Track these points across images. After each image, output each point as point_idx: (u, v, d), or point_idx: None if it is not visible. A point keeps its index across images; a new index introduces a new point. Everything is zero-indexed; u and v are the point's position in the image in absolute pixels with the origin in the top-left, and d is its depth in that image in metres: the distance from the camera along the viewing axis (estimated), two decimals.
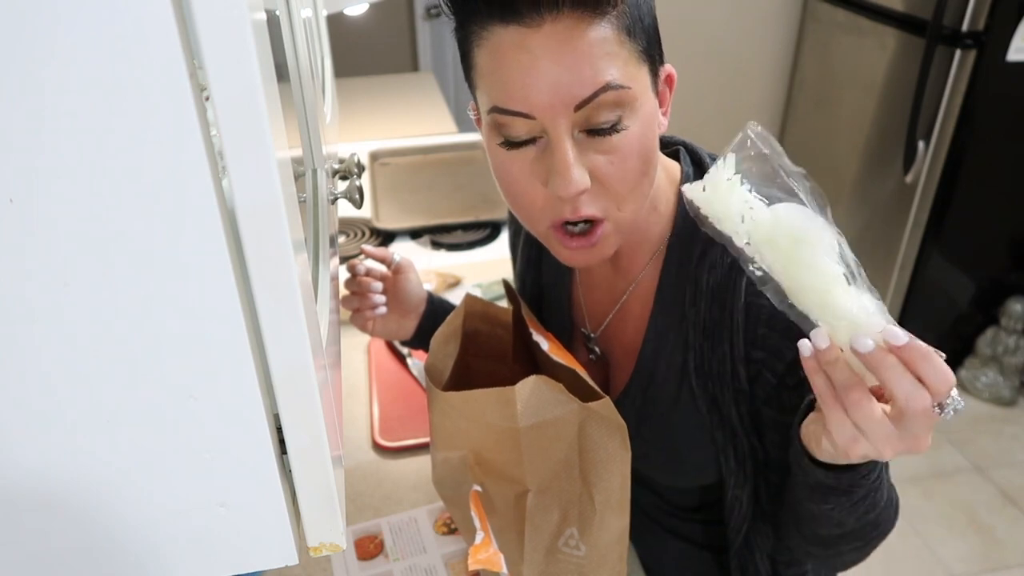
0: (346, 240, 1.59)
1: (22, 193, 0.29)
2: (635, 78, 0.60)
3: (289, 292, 0.34)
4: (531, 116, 0.59)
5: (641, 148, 0.62)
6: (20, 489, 0.36)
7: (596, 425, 0.70)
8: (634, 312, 0.78)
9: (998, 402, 2.45)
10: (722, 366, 0.71)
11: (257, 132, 0.31)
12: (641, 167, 0.63)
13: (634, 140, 0.61)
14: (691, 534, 0.90)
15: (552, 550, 0.74)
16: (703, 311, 0.71)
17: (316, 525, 0.42)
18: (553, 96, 0.58)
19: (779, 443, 0.75)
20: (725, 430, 0.74)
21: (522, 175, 0.64)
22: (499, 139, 0.63)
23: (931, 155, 2.23)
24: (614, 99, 0.59)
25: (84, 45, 0.27)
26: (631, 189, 0.64)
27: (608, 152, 0.61)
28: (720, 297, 0.69)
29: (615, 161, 0.61)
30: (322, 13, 1.10)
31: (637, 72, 0.60)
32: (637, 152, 0.62)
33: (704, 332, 0.71)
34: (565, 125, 0.59)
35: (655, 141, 0.65)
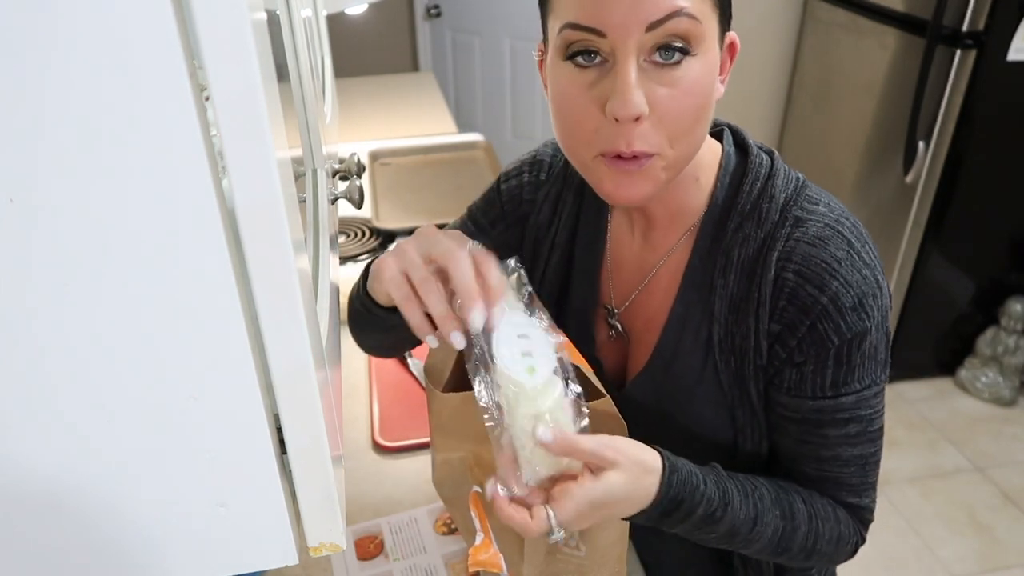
0: (346, 240, 1.59)
1: (22, 193, 0.29)
2: (707, 18, 0.61)
3: (289, 292, 0.34)
4: (602, 33, 0.60)
5: (701, 89, 0.62)
6: (20, 489, 0.36)
7: (598, 423, 0.70)
8: (661, 286, 0.78)
9: (998, 402, 2.45)
10: (745, 341, 0.71)
11: (257, 132, 0.31)
12: (697, 110, 0.63)
13: (696, 78, 0.62)
14: None
15: (552, 550, 0.74)
16: (731, 284, 0.71)
17: (316, 525, 0.42)
18: (627, 14, 0.59)
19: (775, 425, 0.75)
20: (745, 408, 0.74)
21: (581, 97, 0.63)
22: (565, 61, 0.64)
23: (931, 155, 2.23)
24: (685, 28, 0.59)
25: (84, 45, 0.27)
26: (685, 130, 0.63)
27: (670, 85, 0.61)
28: (749, 270, 0.70)
29: (675, 96, 0.61)
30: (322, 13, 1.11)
31: (710, 15, 0.61)
32: (697, 91, 0.62)
33: (731, 305, 0.71)
34: (633, 46, 0.60)
35: (713, 94, 0.64)
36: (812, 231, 0.68)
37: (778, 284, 0.68)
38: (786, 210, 0.70)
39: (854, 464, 0.73)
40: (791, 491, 0.74)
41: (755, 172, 0.72)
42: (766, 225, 0.69)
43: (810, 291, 0.66)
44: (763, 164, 0.73)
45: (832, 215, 0.69)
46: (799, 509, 0.73)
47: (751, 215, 0.70)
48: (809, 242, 0.67)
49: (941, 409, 2.46)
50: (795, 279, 0.67)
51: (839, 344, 0.67)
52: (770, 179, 0.71)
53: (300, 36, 0.62)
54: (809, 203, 0.70)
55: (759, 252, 0.69)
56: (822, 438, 0.72)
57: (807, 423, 0.72)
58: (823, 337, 0.67)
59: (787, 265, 0.68)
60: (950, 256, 2.36)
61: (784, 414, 0.73)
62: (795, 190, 0.71)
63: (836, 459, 0.73)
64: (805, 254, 0.67)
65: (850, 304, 0.66)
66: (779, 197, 0.70)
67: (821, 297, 0.66)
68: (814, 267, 0.66)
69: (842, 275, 0.66)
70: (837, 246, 0.67)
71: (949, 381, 2.57)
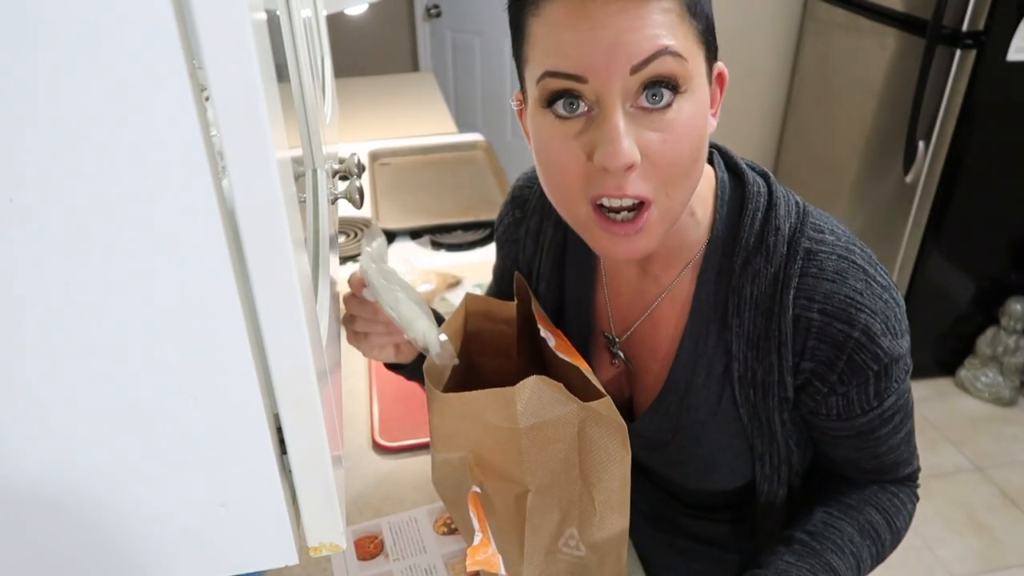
0: (346, 240, 1.59)
1: (22, 193, 0.29)
2: (693, 55, 0.58)
3: (289, 292, 0.34)
4: (584, 79, 0.57)
5: (693, 131, 0.59)
6: (21, 489, 0.36)
7: (596, 425, 0.70)
8: (667, 320, 0.77)
9: (998, 402, 2.45)
10: (768, 376, 0.70)
11: (257, 132, 0.31)
12: (692, 152, 0.60)
13: (687, 119, 0.59)
14: (704, 534, 0.90)
15: (552, 550, 0.74)
16: (747, 322, 0.70)
17: (316, 525, 0.42)
18: (609, 56, 0.56)
19: (826, 442, 0.77)
20: (764, 436, 0.74)
21: (565, 148, 0.60)
22: (546, 110, 0.61)
23: (931, 155, 2.23)
24: (671, 67, 0.57)
25: (84, 45, 0.27)
26: (681, 174, 0.60)
27: (661, 129, 0.58)
28: (765, 308, 0.69)
29: (667, 140, 0.58)
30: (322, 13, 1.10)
31: (696, 51, 0.59)
32: (690, 133, 0.59)
33: (749, 342, 0.70)
34: (618, 91, 0.57)
35: (706, 132, 0.62)
36: (829, 266, 0.67)
37: (801, 323, 0.67)
38: (794, 242, 0.68)
39: (904, 443, 0.76)
40: (865, 507, 0.77)
41: (755, 202, 0.70)
42: (775, 260, 0.68)
43: (839, 327, 0.66)
44: (761, 192, 0.71)
45: (841, 244, 0.68)
46: (879, 522, 0.77)
47: (757, 250, 0.69)
48: (828, 279, 0.66)
49: (941, 409, 2.47)
50: (821, 318, 0.66)
51: (878, 368, 0.68)
52: (771, 208, 0.70)
53: (300, 36, 0.62)
54: (815, 231, 0.69)
55: (773, 289, 0.68)
56: (876, 440, 0.74)
57: (861, 435, 0.74)
58: (862, 367, 0.67)
59: (809, 305, 0.67)
60: (950, 256, 2.36)
61: (838, 435, 0.74)
62: (798, 218, 0.69)
63: (890, 449, 0.76)
64: (827, 292, 0.66)
65: (880, 331, 0.66)
66: (784, 228, 0.69)
67: (852, 332, 0.66)
68: (838, 304, 0.66)
69: (867, 306, 0.66)
70: (856, 277, 0.66)
71: (949, 381, 2.57)
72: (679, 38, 0.57)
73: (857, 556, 0.75)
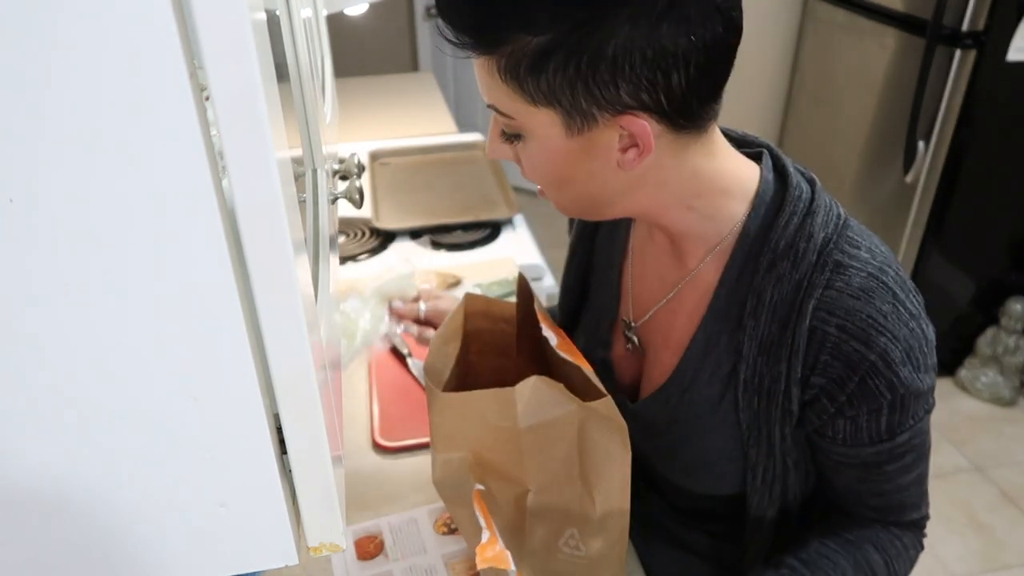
0: (346, 240, 1.59)
1: (22, 193, 0.29)
2: (524, 114, 0.63)
3: (289, 292, 0.34)
4: None
5: (543, 166, 0.66)
6: (21, 489, 0.36)
7: (597, 425, 0.69)
8: (686, 308, 0.76)
9: (998, 402, 2.45)
10: (775, 384, 0.69)
11: (257, 132, 0.31)
12: (550, 180, 0.68)
13: (532, 160, 0.66)
14: (694, 545, 0.90)
15: (552, 550, 0.74)
16: (763, 325, 0.68)
17: (316, 525, 0.42)
18: None
19: (829, 467, 0.75)
20: (761, 447, 0.73)
21: None
22: None
23: (931, 155, 2.23)
24: (502, 120, 0.65)
25: (83, 45, 0.27)
26: (547, 188, 0.69)
27: (520, 151, 0.67)
28: (782, 314, 0.67)
29: (524, 161, 0.68)
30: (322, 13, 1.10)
31: (528, 110, 0.62)
32: (538, 167, 0.67)
33: (760, 346, 0.69)
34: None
35: (570, 169, 0.66)
36: (855, 282, 0.64)
37: (816, 336, 0.65)
38: (825, 252, 0.66)
39: (913, 485, 0.74)
40: (864, 544, 0.75)
41: (793, 205, 0.68)
42: (802, 266, 0.66)
43: (856, 347, 0.64)
44: (802, 197, 0.69)
45: (875, 263, 0.66)
46: (876, 562, 0.74)
47: (786, 253, 0.67)
48: (852, 295, 0.64)
49: (941, 409, 2.46)
50: (838, 334, 0.64)
51: (892, 398, 0.65)
52: (809, 215, 0.68)
53: (300, 36, 0.62)
54: (851, 246, 0.66)
55: (794, 296, 0.66)
56: (882, 475, 0.72)
57: (866, 466, 0.72)
58: (875, 392, 0.65)
59: (828, 319, 0.65)
60: (950, 256, 2.36)
61: (841, 461, 0.72)
62: (835, 230, 0.67)
63: (897, 488, 0.73)
64: (849, 308, 0.64)
65: (899, 359, 0.64)
66: (818, 236, 0.66)
67: (869, 354, 0.64)
68: (859, 322, 0.64)
69: (889, 330, 0.63)
70: (883, 299, 0.64)
71: (949, 381, 2.57)
72: (501, 98, 0.63)
73: None
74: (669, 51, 0.57)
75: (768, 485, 0.75)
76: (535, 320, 0.80)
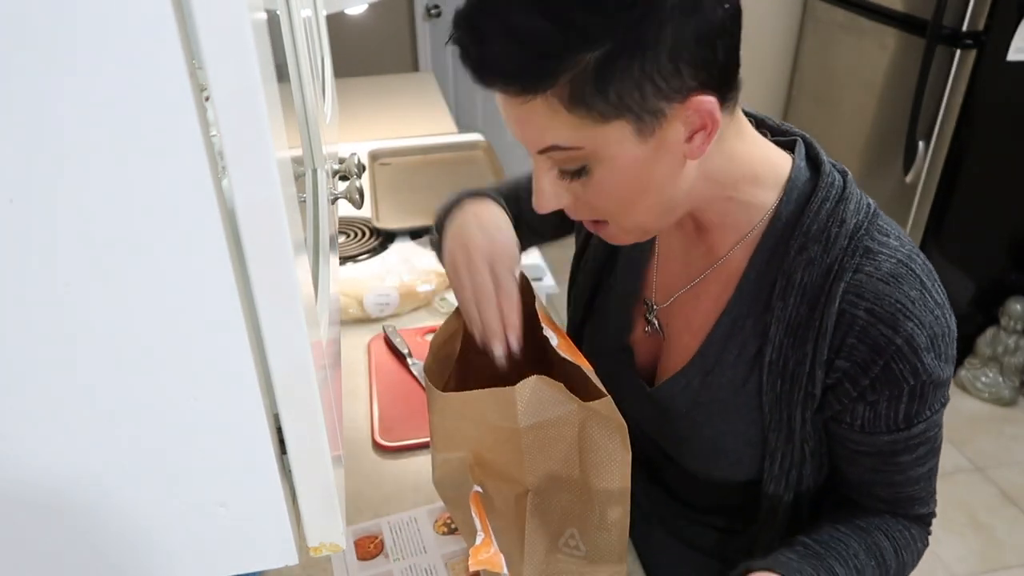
0: (346, 240, 1.59)
1: (22, 193, 0.29)
2: (593, 137, 0.61)
3: (289, 292, 0.34)
4: None
5: (617, 187, 0.64)
6: (21, 489, 0.36)
7: (596, 425, 0.69)
8: (711, 292, 0.76)
9: (998, 402, 2.45)
10: (799, 367, 0.69)
11: (257, 132, 0.31)
12: (625, 198, 0.65)
13: (606, 184, 0.64)
14: (700, 540, 0.89)
15: (552, 550, 0.74)
16: (791, 307, 0.69)
17: (316, 525, 0.42)
18: (518, 139, 0.65)
19: (844, 456, 0.75)
20: (781, 432, 0.73)
21: None
22: None
23: (931, 155, 2.23)
24: (565, 157, 0.63)
25: (83, 45, 0.27)
26: (620, 211, 0.67)
27: (583, 187, 0.65)
28: (811, 297, 0.68)
29: (591, 195, 0.66)
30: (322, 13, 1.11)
31: (595, 131, 0.60)
32: (612, 190, 0.64)
33: (787, 328, 0.69)
34: (537, 161, 0.65)
35: (646, 177, 0.64)
36: (885, 267, 0.66)
37: (844, 319, 0.67)
38: (856, 238, 0.67)
39: (924, 479, 0.75)
40: (874, 531, 0.76)
41: (825, 192, 0.69)
42: (833, 251, 0.67)
43: (883, 331, 0.65)
44: (835, 184, 0.70)
45: (904, 250, 0.68)
46: (886, 548, 0.75)
47: (818, 237, 0.68)
48: (882, 279, 0.66)
49: None
50: (867, 317, 0.65)
51: (914, 384, 0.66)
52: (841, 201, 0.69)
53: (300, 36, 0.62)
54: (880, 234, 0.68)
55: (824, 279, 0.68)
56: (895, 466, 0.73)
57: (881, 455, 0.72)
58: (898, 377, 0.66)
59: (857, 301, 0.66)
60: (950, 256, 2.36)
61: (857, 449, 0.73)
62: (866, 217, 0.69)
63: (908, 480, 0.74)
64: (878, 292, 0.65)
65: (924, 345, 0.65)
66: (850, 222, 0.68)
67: (895, 338, 0.65)
68: (887, 307, 0.65)
69: (916, 316, 0.65)
70: (911, 285, 0.66)
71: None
72: (566, 131, 0.61)
73: (860, 572, 0.73)
74: (714, 24, 0.59)
75: (785, 472, 0.75)
76: (536, 320, 0.80)
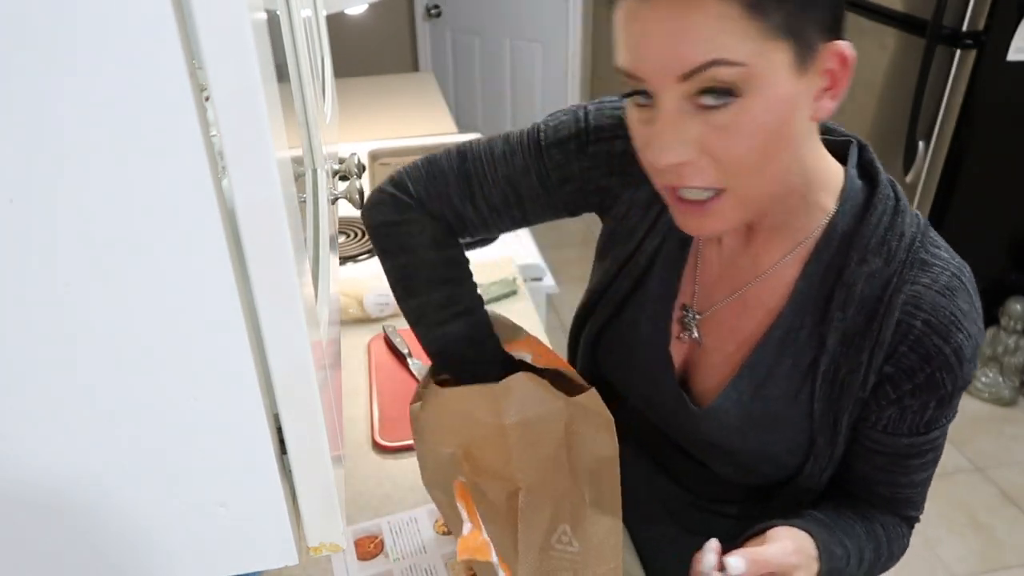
0: (346, 240, 1.59)
1: (22, 193, 0.29)
2: (760, 55, 0.55)
3: (289, 292, 0.34)
4: (642, 80, 0.58)
5: (762, 129, 0.57)
6: (21, 489, 0.36)
7: (583, 420, 0.70)
8: (759, 301, 0.75)
9: (998, 402, 2.45)
10: (852, 375, 0.70)
11: (257, 132, 0.31)
12: (762, 148, 0.58)
13: (752, 119, 0.57)
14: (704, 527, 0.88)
15: (545, 547, 0.74)
16: (850, 317, 0.69)
17: (316, 525, 0.42)
18: (659, 64, 0.56)
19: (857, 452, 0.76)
20: (827, 435, 0.74)
21: (640, 134, 0.63)
22: (629, 99, 0.62)
23: (931, 155, 2.23)
24: (726, 75, 0.55)
25: (84, 45, 0.27)
26: (750, 168, 0.59)
27: (719, 127, 0.57)
28: (870, 308, 0.68)
29: (726, 137, 0.57)
30: (322, 13, 1.11)
31: (765, 49, 0.55)
32: (755, 132, 0.57)
33: (844, 338, 0.70)
34: (672, 94, 0.57)
35: (792, 125, 0.59)
36: (942, 280, 0.67)
37: (901, 328, 0.67)
38: (913, 250, 0.68)
39: (922, 484, 0.77)
40: (874, 520, 0.77)
41: (884, 204, 0.69)
42: (893, 263, 0.68)
43: (936, 341, 0.66)
44: (890, 196, 0.70)
45: (955, 263, 0.69)
46: (881, 536, 0.77)
47: (878, 250, 0.68)
48: (940, 292, 0.67)
49: None
50: (922, 327, 0.66)
51: (951, 391, 0.68)
52: (897, 213, 0.69)
53: (300, 36, 0.62)
54: (933, 246, 0.69)
55: (883, 290, 0.68)
56: (903, 468, 0.74)
57: (894, 456, 0.74)
58: (938, 384, 0.68)
59: (915, 312, 0.66)
60: None
61: (873, 447, 0.74)
62: (919, 229, 0.70)
63: (910, 483, 0.76)
64: (935, 304, 0.66)
65: (968, 356, 0.67)
66: (907, 235, 0.69)
67: (945, 348, 0.66)
68: (943, 318, 0.66)
69: (966, 328, 0.66)
70: (963, 299, 0.67)
71: None
72: (738, 42, 0.54)
73: (861, 549, 0.74)
74: None
75: (822, 470, 0.76)
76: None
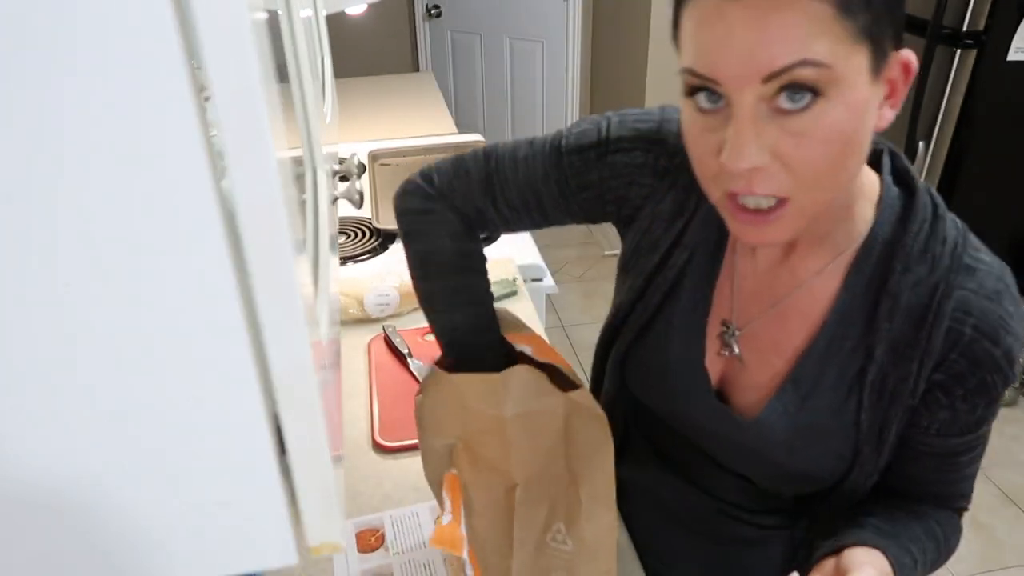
0: (346, 240, 1.59)
1: (22, 193, 0.29)
2: (845, 58, 0.54)
3: (289, 293, 0.34)
4: (718, 83, 0.57)
5: (839, 134, 0.57)
6: (21, 489, 0.36)
7: (579, 417, 0.70)
8: (800, 313, 0.74)
9: None
10: (902, 384, 0.69)
11: (257, 132, 0.31)
12: (836, 155, 0.58)
13: (830, 124, 0.56)
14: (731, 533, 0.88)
15: (540, 545, 0.74)
16: (896, 327, 0.69)
17: (316, 525, 0.42)
18: (742, 64, 0.55)
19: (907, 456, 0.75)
20: (873, 444, 0.73)
21: (702, 140, 0.62)
22: (690, 99, 0.61)
23: (931, 155, 2.23)
24: (810, 76, 0.54)
25: (84, 45, 0.27)
26: (820, 176, 0.59)
27: (796, 133, 0.57)
28: (917, 316, 0.68)
29: (803, 144, 0.57)
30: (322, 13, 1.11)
31: (849, 52, 0.55)
32: (832, 138, 0.57)
33: (892, 348, 0.69)
34: (751, 97, 0.56)
35: (863, 131, 0.59)
36: (988, 284, 0.67)
37: (951, 335, 0.67)
38: (956, 256, 0.68)
39: (971, 476, 0.77)
40: (929, 518, 0.77)
41: (924, 211, 0.69)
42: (938, 271, 0.67)
43: (986, 346, 0.66)
44: (928, 203, 0.69)
45: (997, 266, 0.69)
46: (939, 534, 0.77)
47: (921, 257, 0.68)
48: (987, 296, 0.67)
49: None
50: (972, 334, 0.66)
51: (999, 392, 0.69)
52: (937, 220, 0.69)
53: (300, 36, 0.62)
54: (974, 250, 0.69)
55: (930, 298, 0.67)
56: (954, 465, 0.75)
57: (945, 456, 0.74)
58: (990, 387, 0.68)
59: (965, 319, 0.66)
60: None
61: (924, 451, 0.74)
62: (959, 234, 0.69)
63: (962, 478, 0.76)
64: (984, 309, 0.66)
65: (1016, 357, 0.67)
66: (950, 241, 0.68)
67: (995, 351, 0.66)
68: (992, 322, 0.66)
69: (1014, 330, 0.67)
70: (1009, 301, 0.67)
71: None
72: (826, 43, 0.54)
73: (924, 552, 0.74)
74: None
75: (867, 477, 0.76)
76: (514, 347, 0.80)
